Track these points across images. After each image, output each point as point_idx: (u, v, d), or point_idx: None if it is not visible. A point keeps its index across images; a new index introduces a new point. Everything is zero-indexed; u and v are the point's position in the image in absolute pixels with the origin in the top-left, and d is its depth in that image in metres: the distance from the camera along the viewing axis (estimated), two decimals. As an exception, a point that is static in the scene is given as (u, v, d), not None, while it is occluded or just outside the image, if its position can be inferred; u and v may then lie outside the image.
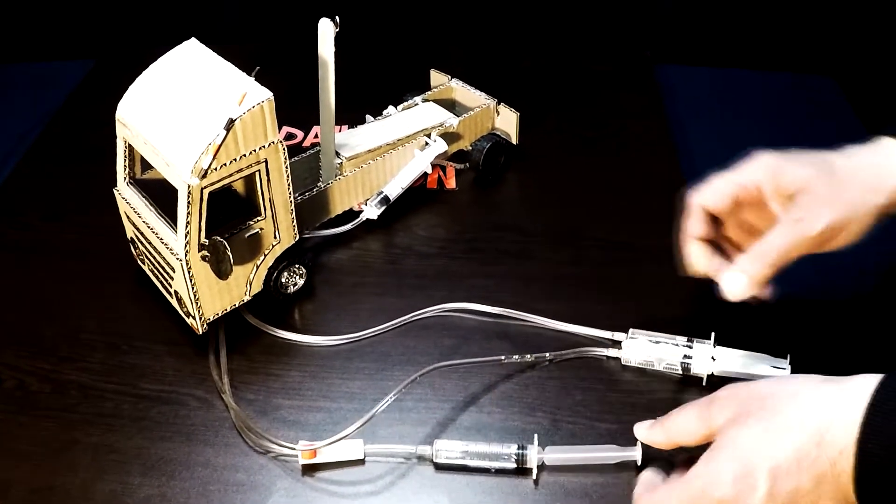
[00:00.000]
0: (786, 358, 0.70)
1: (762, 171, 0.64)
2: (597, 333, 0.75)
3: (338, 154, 0.85)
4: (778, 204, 0.64)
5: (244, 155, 0.68)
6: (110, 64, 1.18)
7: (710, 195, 0.66)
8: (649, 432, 0.62)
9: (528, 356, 0.72)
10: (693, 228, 0.66)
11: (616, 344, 0.74)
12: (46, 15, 1.49)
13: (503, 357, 0.71)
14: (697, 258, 0.65)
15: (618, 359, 0.73)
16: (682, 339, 0.72)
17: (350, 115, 0.94)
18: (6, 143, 1.16)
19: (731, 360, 0.71)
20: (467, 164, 0.94)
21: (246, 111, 0.66)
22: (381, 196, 0.85)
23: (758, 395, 0.55)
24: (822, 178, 0.62)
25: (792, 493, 0.51)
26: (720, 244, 0.68)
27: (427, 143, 0.89)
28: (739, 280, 0.61)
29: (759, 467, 0.51)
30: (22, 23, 1.50)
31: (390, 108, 0.94)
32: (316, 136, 1.02)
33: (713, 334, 0.72)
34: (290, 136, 1.02)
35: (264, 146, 0.69)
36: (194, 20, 1.49)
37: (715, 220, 0.67)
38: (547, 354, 0.73)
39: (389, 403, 0.66)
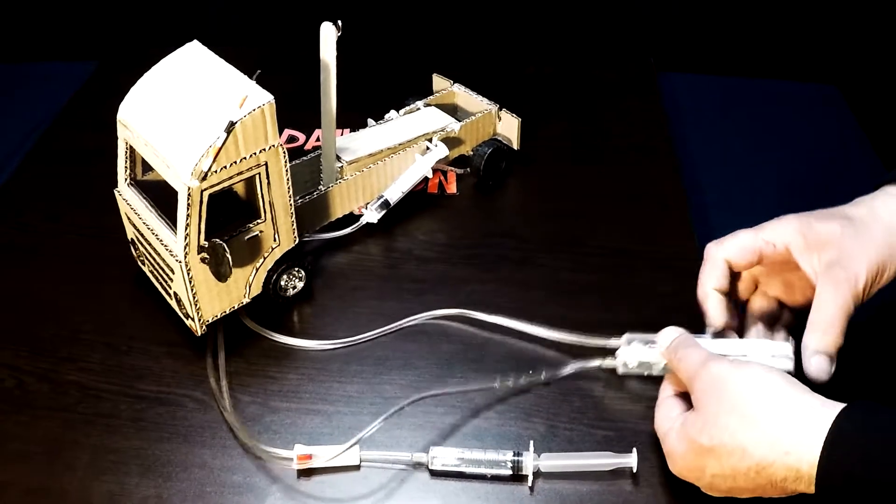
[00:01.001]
0: (788, 341, 0.68)
1: (791, 230, 0.67)
2: (594, 342, 0.73)
3: (339, 158, 0.85)
4: (806, 260, 0.66)
5: (244, 158, 0.68)
6: (113, 65, 1.18)
7: (735, 249, 0.68)
8: (668, 347, 0.66)
9: (522, 379, 0.71)
10: (715, 281, 0.68)
11: (611, 352, 0.71)
12: (50, 16, 1.49)
13: (496, 383, 0.70)
14: (718, 312, 0.67)
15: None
16: None
17: (352, 118, 0.94)
18: (8, 144, 1.16)
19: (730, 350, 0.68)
20: (468, 169, 0.94)
21: (246, 114, 0.66)
22: (382, 200, 0.86)
23: (726, 408, 0.57)
24: (848, 231, 0.65)
25: (731, 489, 0.58)
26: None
27: (428, 148, 0.89)
28: (825, 362, 0.62)
29: (703, 466, 0.58)
30: (25, 23, 1.51)
31: (392, 113, 0.94)
32: (318, 139, 1.02)
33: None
34: (291, 139, 1.02)
35: (265, 149, 0.69)
36: (197, 22, 1.49)
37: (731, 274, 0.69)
38: (542, 376, 0.71)
39: (380, 415, 0.66)
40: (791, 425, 0.54)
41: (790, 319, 0.72)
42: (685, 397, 0.64)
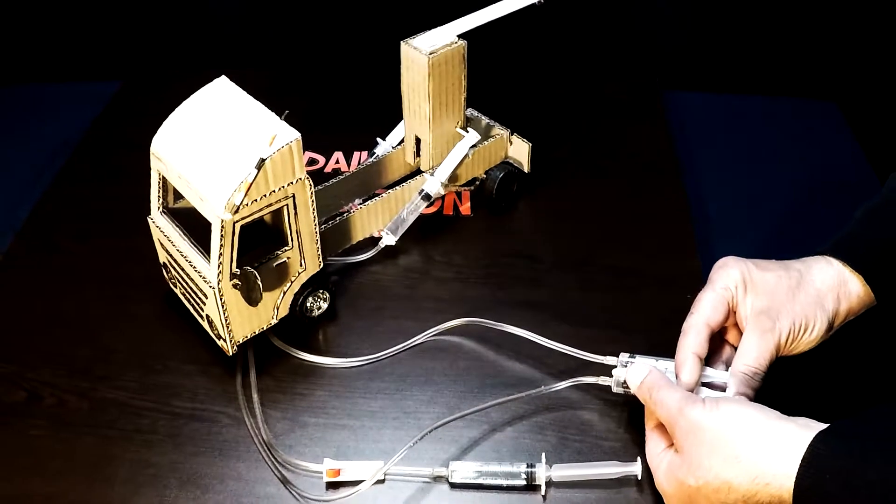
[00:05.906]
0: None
1: (736, 273, 0.71)
2: (602, 360, 0.75)
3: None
4: (742, 305, 0.71)
5: (273, 191, 0.72)
6: (137, 86, 1.19)
7: (710, 310, 0.71)
8: (639, 387, 0.69)
9: (521, 394, 0.75)
10: (697, 346, 0.70)
11: (609, 370, 0.74)
12: (72, 36, 1.51)
13: (490, 402, 0.74)
14: (694, 375, 0.70)
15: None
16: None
17: (367, 141, 0.99)
18: (35, 165, 1.18)
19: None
20: (477, 183, 0.97)
21: (276, 151, 0.70)
22: (423, 194, 0.90)
23: (707, 451, 0.61)
24: (782, 284, 0.70)
25: None
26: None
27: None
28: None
29: (695, 502, 0.63)
30: (48, 43, 1.53)
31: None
32: (337, 162, 1.05)
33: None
34: (311, 161, 1.05)
35: (292, 182, 0.73)
36: (218, 45, 1.51)
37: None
38: (541, 388, 0.74)
39: (403, 429, 0.71)
40: (768, 457, 0.59)
41: None
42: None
